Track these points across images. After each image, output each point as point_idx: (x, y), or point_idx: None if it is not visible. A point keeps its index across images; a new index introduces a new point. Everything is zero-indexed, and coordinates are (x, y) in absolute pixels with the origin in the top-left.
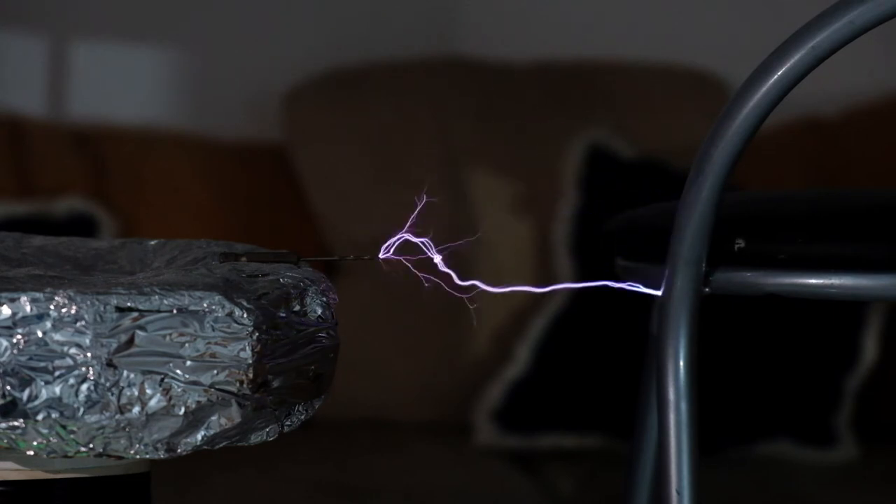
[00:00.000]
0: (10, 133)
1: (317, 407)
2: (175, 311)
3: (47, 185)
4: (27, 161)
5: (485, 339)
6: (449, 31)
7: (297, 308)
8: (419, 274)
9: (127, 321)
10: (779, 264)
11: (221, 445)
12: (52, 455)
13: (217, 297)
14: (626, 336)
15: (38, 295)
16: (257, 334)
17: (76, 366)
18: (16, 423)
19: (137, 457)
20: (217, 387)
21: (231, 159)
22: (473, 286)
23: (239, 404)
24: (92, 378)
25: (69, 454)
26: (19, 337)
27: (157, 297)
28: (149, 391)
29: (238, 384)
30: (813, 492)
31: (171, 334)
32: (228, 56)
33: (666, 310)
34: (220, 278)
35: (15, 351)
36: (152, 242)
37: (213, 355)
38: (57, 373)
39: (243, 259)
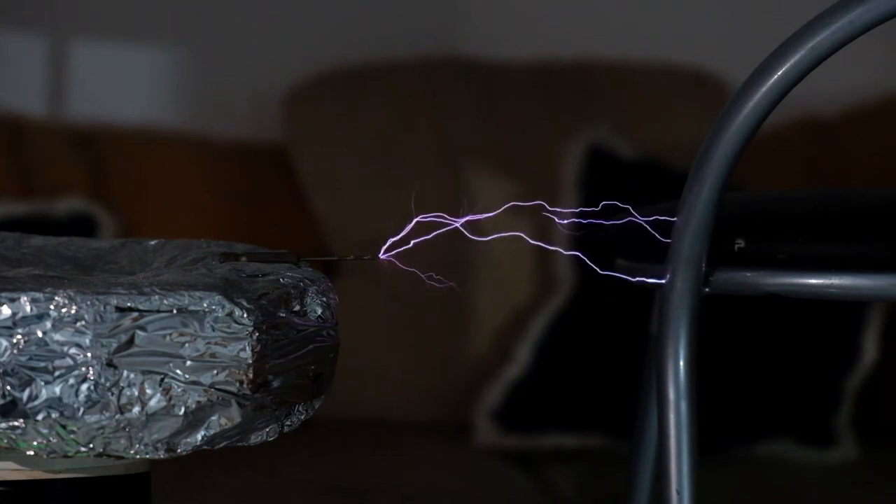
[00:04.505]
0: (10, 133)
1: (317, 407)
2: (175, 311)
3: (47, 185)
4: (27, 161)
5: (485, 339)
6: (449, 31)
7: (297, 308)
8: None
9: (127, 321)
10: (779, 264)
11: (221, 445)
12: (52, 455)
13: (217, 297)
14: (627, 336)
15: (38, 295)
16: (257, 334)
17: (76, 366)
18: (16, 423)
19: (137, 457)
20: (217, 387)
21: (231, 159)
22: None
23: (239, 404)
24: (92, 378)
25: (69, 454)
26: (19, 337)
27: (157, 297)
28: (149, 391)
29: (238, 384)
30: (813, 492)
31: (171, 334)
32: (228, 56)
33: (666, 310)
34: (220, 278)
35: (15, 351)
36: (152, 242)
37: (213, 355)
38: (57, 373)
39: (243, 259)
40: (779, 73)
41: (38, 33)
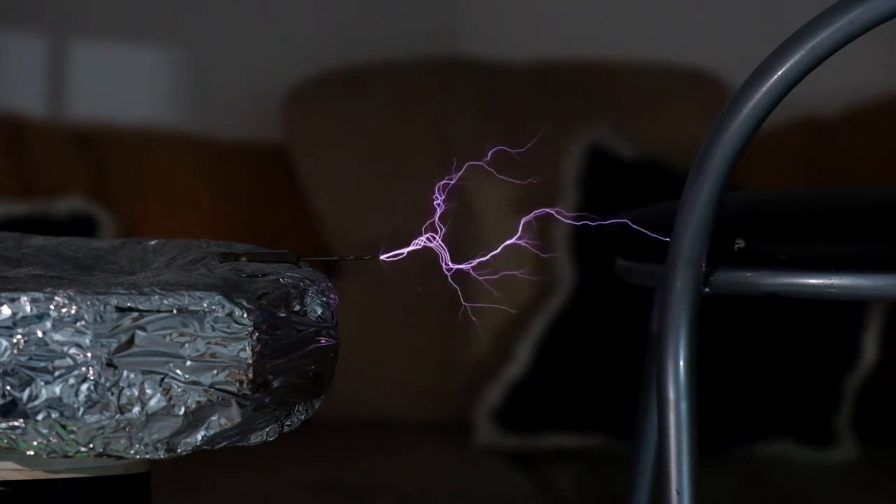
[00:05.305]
0: (10, 133)
1: (317, 407)
2: (175, 311)
3: (47, 185)
4: (27, 161)
5: (485, 339)
6: (449, 31)
7: (297, 308)
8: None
9: (127, 321)
10: (779, 264)
11: (221, 445)
12: (52, 455)
13: (217, 297)
14: (627, 336)
15: (38, 295)
16: (257, 334)
17: (76, 366)
18: (16, 423)
19: (137, 457)
20: (217, 387)
21: (231, 159)
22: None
23: (239, 404)
24: (92, 378)
25: (69, 454)
26: (19, 337)
27: (157, 297)
28: (149, 391)
29: (238, 384)
30: (813, 492)
31: (171, 334)
32: (228, 56)
33: (666, 310)
34: (220, 278)
35: (15, 351)
36: (152, 242)
37: (213, 355)
38: (57, 373)
39: (243, 259)
40: (779, 73)
41: (38, 33)
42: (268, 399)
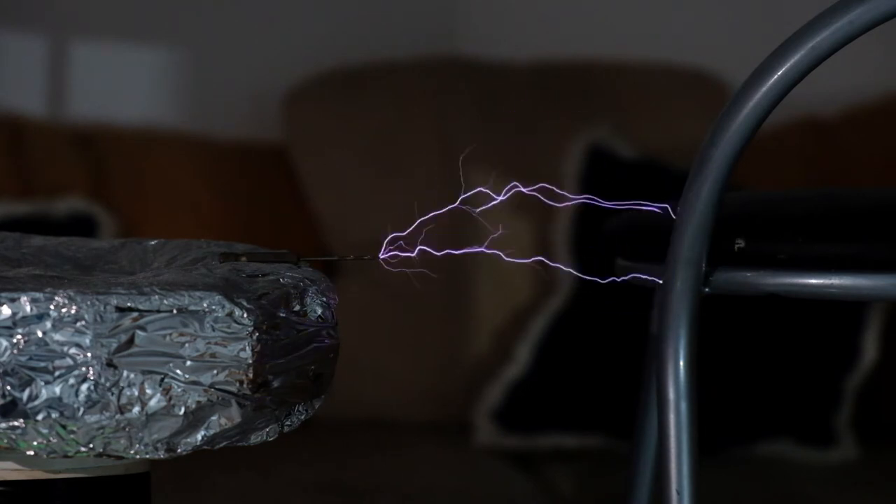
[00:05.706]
0: (10, 133)
1: (317, 407)
2: (175, 311)
3: (47, 185)
4: (27, 161)
5: (485, 339)
6: (449, 31)
7: (297, 308)
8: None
9: (127, 321)
10: (779, 264)
11: (221, 445)
12: (52, 455)
13: (217, 297)
14: (627, 336)
15: (38, 295)
16: (257, 334)
17: (76, 366)
18: (16, 423)
19: (137, 457)
20: (217, 387)
21: (231, 159)
22: None
23: (239, 404)
24: (92, 378)
25: (69, 454)
26: (19, 337)
27: (157, 297)
28: (149, 391)
29: (238, 384)
30: (813, 492)
31: (171, 334)
32: (228, 56)
33: (666, 310)
34: (220, 278)
35: (15, 351)
36: (152, 242)
37: (213, 355)
38: (57, 373)
39: (243, 259)
40: (779, 73)
41: (38, 33)
42: (268, 399)
